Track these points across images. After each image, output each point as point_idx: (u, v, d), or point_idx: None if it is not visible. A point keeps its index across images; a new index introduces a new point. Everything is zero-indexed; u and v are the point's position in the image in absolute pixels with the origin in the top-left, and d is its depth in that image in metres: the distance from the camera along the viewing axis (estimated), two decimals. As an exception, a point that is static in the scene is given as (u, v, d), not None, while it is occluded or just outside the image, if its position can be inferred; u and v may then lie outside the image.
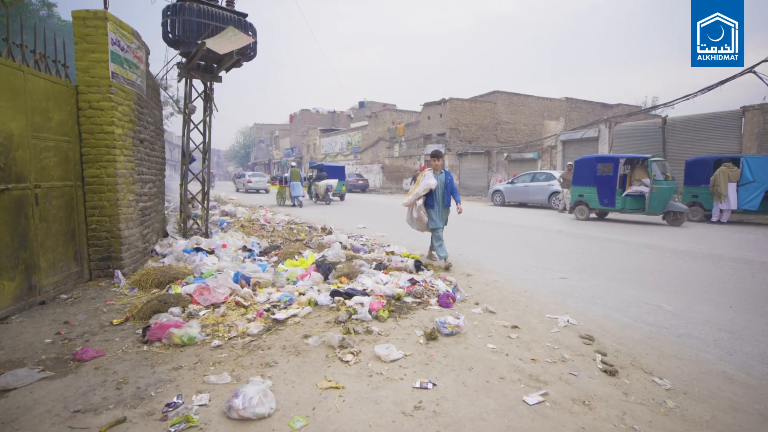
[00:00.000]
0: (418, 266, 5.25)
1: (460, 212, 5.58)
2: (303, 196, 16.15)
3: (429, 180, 5.41)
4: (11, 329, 3.44)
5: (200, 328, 3.27)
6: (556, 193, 15.00)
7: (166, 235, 6.52)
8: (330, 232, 7.73)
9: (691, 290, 4.67)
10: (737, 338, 3.32)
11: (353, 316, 3.57)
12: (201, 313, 3.66)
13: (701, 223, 11.01)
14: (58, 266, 4.29)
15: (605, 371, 2.71)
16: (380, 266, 5.14)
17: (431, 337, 3.20)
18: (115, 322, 3.57)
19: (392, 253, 6.09)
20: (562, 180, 14.17)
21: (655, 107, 20.24)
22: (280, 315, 3.58)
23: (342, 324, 3.41)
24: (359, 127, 36.46)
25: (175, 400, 2.31)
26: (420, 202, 5.49)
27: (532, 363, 2.83)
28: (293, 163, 17.22)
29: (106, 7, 4.60)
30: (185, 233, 6.55)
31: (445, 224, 5.75)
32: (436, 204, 5.53)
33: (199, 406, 2.27)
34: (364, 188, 27.85)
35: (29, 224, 3.88)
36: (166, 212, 8.12)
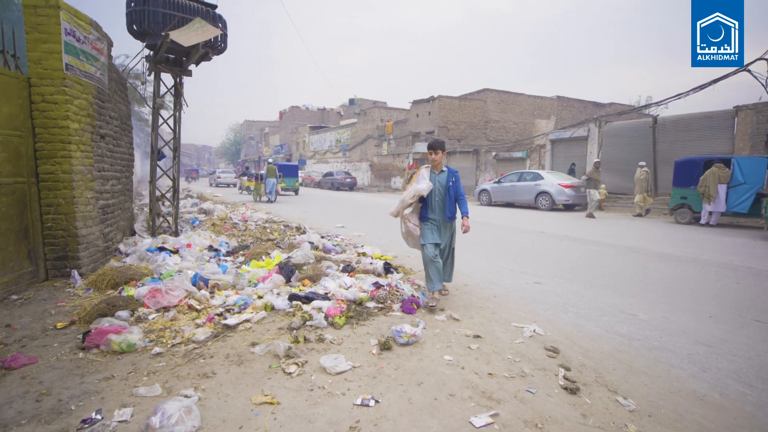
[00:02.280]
0: (388, 269, 5.12)
1: (465, 230, 3.98)
2: (278, 192, 17.64)
3: (419, 184, 3.95)
4: (-52, 333, 3.26)
5: (143, 334, 3.12)
6: (543, 193, 14.95)
7: (133, 233, 6.32)
8: (303, 232, 7.57)
9: (671, 298, 4.54)
10: (713, 352, 3.17)
11: (308, 323, 3.43)
12: (150, 317, 3.49)
13: (690, 225, 10.97)
14: (9, 266, 4.10)
15: (566, 388, 2.57)
16: (347, 268, 5.00)
17: (385, 346, 3.06)
18: (58, 325, 3.40)
19: (364, 254, 5.95)
20: (587, 180, 12.81)
21: (647, 106, 20.23)
22: (232, 320, 3.43)
23: (294, 331, 3.26)
24: (348, 125, 36.26)
25: (93, 415, 2.15)
26: (408, 211, 4.08)
27: (489, 378, 2.70)
28: (270, 160, 17.83)
29: (60, -4, 4.38)
30: (153, 231, 6.35)
31: (449, 246, 4.22)
32: (431, 213, 4.03)
33: (119, 422, 2.12)
34: (352, 186, 27.69)
35: (-28, 222, 3.69)
36: (135, 209, 7.91)
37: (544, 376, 2.74)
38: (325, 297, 3.99)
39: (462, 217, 4.05)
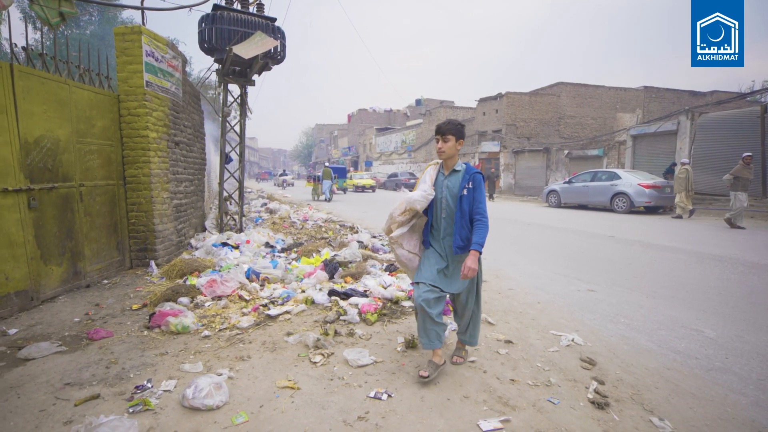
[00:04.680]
0: (432, 270, 5.12)
1: (465, 275, 2.48)
2: (333, 192, 19.58)
3: (412, 194, 2.66)
4: (54, 307, 3.95)
5: (196, 318, 3.50)
6: (619, 194, 13.72)
7: (204, 229, 7.05)
8: (356, 231, 7.82)
9: (754, 315, 3.95)
10: (789, 379, 2.75)
11: (342, 317, 3.59)
12: (206, 304, 3.91)
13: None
14: (102, 255, 4.83)
15: (593, 402, 2.42)
16: (390, 267, 5.10)
17: (410, 344, 3.11)
18: (134, 307, 3.94)
19: (411, 254, 5.99)
20: (733, 179, 10.28)
21: (754, 93, 17.54)
22: (274, 311, 3.71)
23: (327, 324, 3.44)
24: (413, 126, 36.34)
25: (144, 383, 2.50)
26: (400, 231, 2.73)
27: (510, 384, 2.63)
28: (326, 163, 19.91)
29: (143, 23, 5.08)
30: (221, 228, 7.03)
31: (471, 294, 2.79)
32: (433, 237, 2.76)
33: (164, 391, 2.44)
34: (416, 187, 27.79)
35: (75, 218, 4.41)
36: (211, 208, 8.79)
37: (571, 388, 2.59)
38: (364, 294, 4.14)
39: (470, 250, 2.49)
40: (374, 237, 7.36)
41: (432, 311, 2.54)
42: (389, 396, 2.43)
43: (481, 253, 2.53)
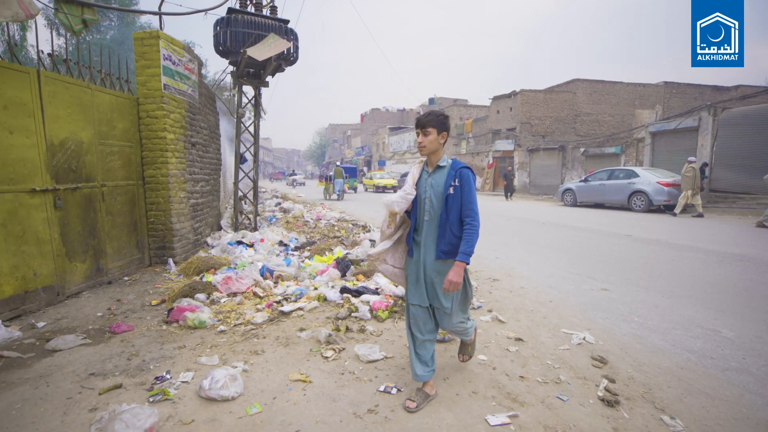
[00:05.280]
0: (444, 268, 5.15)
1: (447, 289, 2.21)
2: (344, 191, 20.17)
3: (390, 196, 2.42)
4: (79, 302, 4.12)
5: (212, 313, 3.61)
6: (637, 192, 13.45)
7: (219, 228, 7.22)
8: (368, 230, 7.88)
9: (773, 315, 3.89)
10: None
11: (353, 314, 3.64)
12: (222, 300, 4.02)
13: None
14: (122, 252, 5.00)
15: (603, 400, 2.42)
16: (402, 266, 5.13)
17: (421, 341, 3.15)
18: (153, 303, 4.08)
19: (423, 253, 6.03)
20: None
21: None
22: (287, 307, 3.79)
23: (339, 321, 3.50)
24: (429, 124, 36.22)
25: (164, 374, 2.60)
26: (381, 248, 2.52)
27: (519, 380, 2.65)
28: (337, 163, 20.53)
29: (161, 27, 5.24)
30: (236, 227, 7.19)
31: (447, 307, 2.34)
32: (415, 242, 2.42)
33: (182, 382, 2.54)
34: (430, 186, 27.70)
35: (97, 217, 4.58)
36: (227, 207, 8.98)
37: (581, 385, 2.59)
38: (375, 292, 4.19)
39: (455, 260, 2.20)
40: (386, 236, 7.40)
41: (423, 336, 2.38)
42: (399, 390, 2.47)
43: (468, 263, 2.21)
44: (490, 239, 8.04)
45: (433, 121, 2.29)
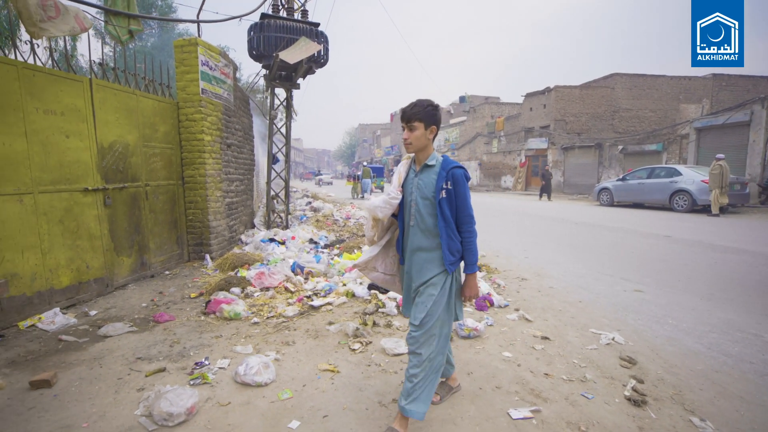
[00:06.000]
0: (471, 266, 5.15)
1: (468, 297, 2.12)
2: (372, 190, 20.81)
3: (373, 200, 2.18)
4: (125, 294, 4.43)
5: (246, 306, 3.80)
6: (680, 191, 12.80)
7: (253, 226, 7.51)
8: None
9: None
10: None
11: (380, 309, 3.73)
12: (255, 294, 4.21)
13: None
14: (164, 248, 5.31)
15: (630, 399, 2.39)
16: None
17: (446, 337, 3.19)
18: (192, 295, 4.33)
19: (450, 251, 6.04)
20: None
21: None
22: (317, 302, 3.93)
23: (366, 316, 3.60)
24: (457, 123, 35.86)
25: (203, 360, 2.78)
26: (367, 256, 2.31)
27: (543, 377, 2.65)
28: (365, 163, 21.02)
29: (199, 34, 5.52)
30: (268, 225, 7.45)
31: (416, 321, 1.99)
32: (404, 250, 2.19)
33: (219, 368, 2.71)
34: (459, 185, 27.45)
35: (141, 214, 4.90)
36: (259, 206, 9.31)
37: (608, 385, 2.57)
38: (401, 288, 4.26)
39: (466, 275, 2.08)
40: (414, 234, 7.46)
41: (425, 368, 1.97)
42: (422, 383, 2.53)
43: (477, 271, 2.04)
44: (520, 239, 7.93)
45: (420, 113, 1.99)
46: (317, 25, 6.60)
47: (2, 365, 2.76)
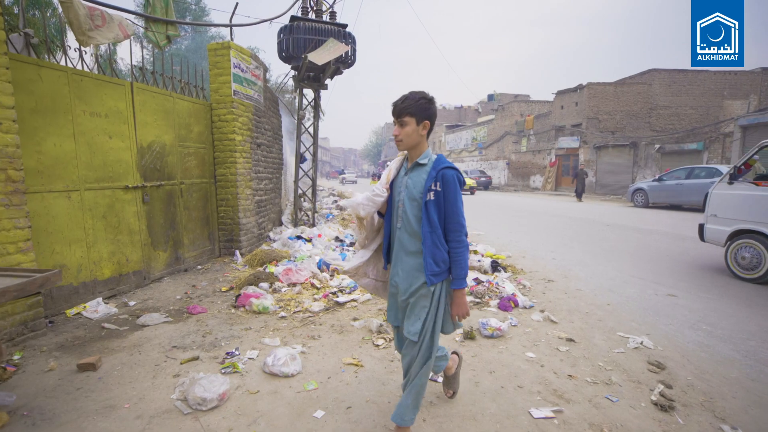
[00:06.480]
0: (495, 267, 5.13)
1: (455, 315, 1.88)
2: None
3: (357, 197, 1.98)
4: (161, 287, 4.67)
5: (274, 301, 3.93)
6: (720, 193, 12.15)
7: (280, 223, 7.71)
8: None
9: None
10: None
11: (403, 307, 3.78)
12: (283, 290, 4.34)
13: None
14: (196, 244, 5.55)
15: (657, 404, 2.34)
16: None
17: (468, 336, 3.21)
18: (223, 289, 4.51)
19: (474, 251, 6.02)
20: None
21: None
22: (342, 299, 4.02)
23: (389, 313, 3.65)
24: (485, 122, 35.34)
25: (233, 350, 2.92)
26: (357, 262, 2.12)
27: (567, 379, 2.63)
28: (388, 162, 20.44)
29: (231, 38, 5.73)
30: (296, 223, 7.64)
31: (421, 336, 1.84)
32: (390, 256, 2.02)
33: (249, 359, 2.84)
34: (486, 185, 27.05)
35: (176, 211, 5.14)
36: (287, 204, 9.53)
37: (634, 389, 2.52)
38: (425, 287, 4.29)
39: (453, 291, 1.85)
40: (439, 233, 7.46)
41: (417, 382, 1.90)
42: (444, 379, 2.57)
43: (466, 287, 1.71)
44: (547, 240, 7.78)
45: (411, 107, 1.80)
46: (345, 26, 6.71)
47: (53, 348, 2.99)
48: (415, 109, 1.79)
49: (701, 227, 5.76)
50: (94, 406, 2.26)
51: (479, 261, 5.31)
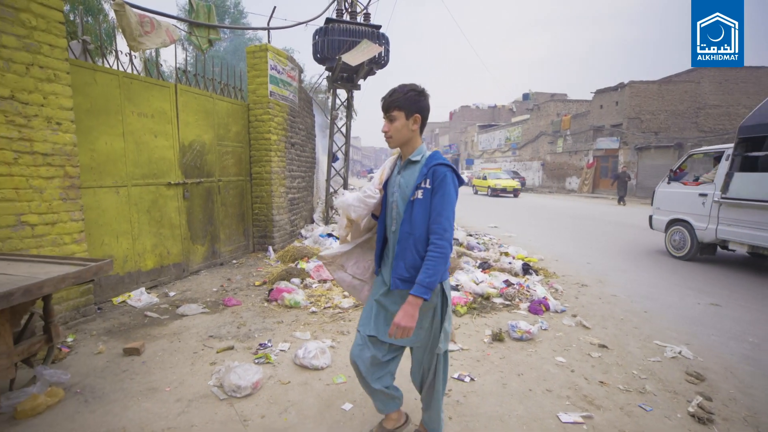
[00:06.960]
0: (527, 269, 5.04)
1: (392, 334, 1.58)
2: None
3: (348, 196, 1.92)
4: (199, 279, 4.89)
5: (305, 296, 4.04)
6: None
7: (312, 221, 7.88)
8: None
9: None
10: None
11: (431, 307, 3.79)
12: (313, 286, 4.46)
13: None
14: (232, 239, 5.78)
15: (694, 416, 2.24)
16: (484, 265, 5.13)
17: (497, 338, 3.19)
18: (256, 283, 4.68)
19: (506, 254, 5.93)
20: None
21: None
22: (370, 296, 4.07)
23: (417, 312, 3.67)
24: (519, 122, 34.52)
25: (266, 342, 3.04)
26: (337, 251, 1.98)
27: (598, 385, 2.57)
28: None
29: (269, 41, 5.91)
30: (327, 221, 7.79)
31: (401, 343, 1.82)
32: (381, 260, 1.85)
33: (280, 350, 2.94)
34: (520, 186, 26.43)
35: (214, 207, 5.37)
36: (318, 202, 9.72)
37: (669, 399, 2.42)
38: (455, 288, 4.28)
39: (410, 294, 1.57)
40: (470, 235, 7.40)
41: (368, 377, 1.80)
42: (472, 379, 2.57)
43: (427, 299, 1.54)
44: (582, 243, 7.56)
45: (399, 100, 1.64)
46: (378, 27, 6.78)
47: (101, 333, 3.22)
48: (404, 102, 1.64)
49: (650, 218, 7.04)
50: (138, 388, 2.42)
51: (510, 263, 5.24)
